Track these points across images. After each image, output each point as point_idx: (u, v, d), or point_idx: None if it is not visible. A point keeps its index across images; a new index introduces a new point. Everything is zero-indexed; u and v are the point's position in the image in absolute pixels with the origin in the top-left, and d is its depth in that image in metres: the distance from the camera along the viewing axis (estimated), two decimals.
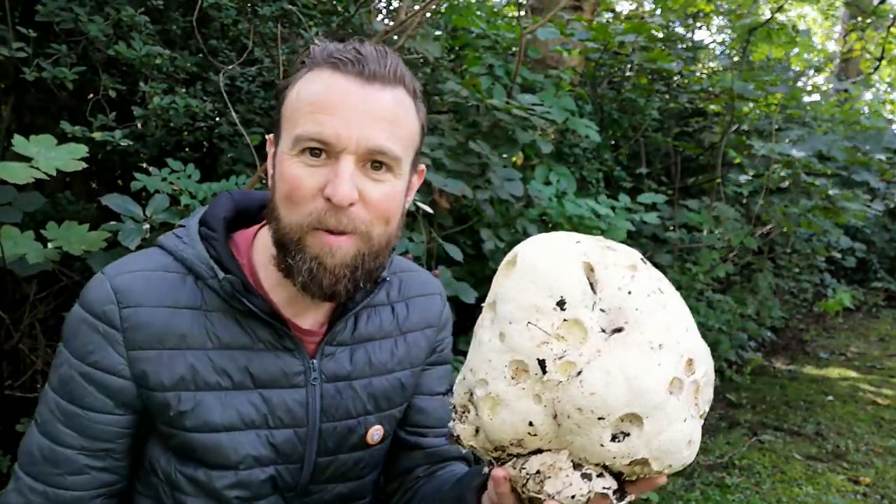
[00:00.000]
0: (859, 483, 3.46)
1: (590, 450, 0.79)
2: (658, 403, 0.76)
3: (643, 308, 0.80)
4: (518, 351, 0.80)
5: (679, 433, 0.78)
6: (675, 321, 0.81)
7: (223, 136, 2.56)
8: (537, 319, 0.80)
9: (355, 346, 1.09)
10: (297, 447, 1.05)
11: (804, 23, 11.55)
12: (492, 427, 0.82)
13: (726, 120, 4.42)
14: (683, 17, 5.39)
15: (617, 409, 0.76)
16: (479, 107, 2.85)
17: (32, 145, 1.61)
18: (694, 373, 0.80)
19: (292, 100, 0.95)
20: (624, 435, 0.77)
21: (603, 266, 0.83)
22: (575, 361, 0.78)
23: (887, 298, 8.06)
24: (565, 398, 0.78)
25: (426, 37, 3.00)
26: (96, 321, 0.95)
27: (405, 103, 0.96)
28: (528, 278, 0.82)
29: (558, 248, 0.84)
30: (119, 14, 2.14)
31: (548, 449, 0.82)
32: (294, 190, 0.92)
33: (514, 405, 0.80)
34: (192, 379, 0.97)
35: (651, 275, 0.85)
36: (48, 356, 2.23)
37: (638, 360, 0.77)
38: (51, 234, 1.74)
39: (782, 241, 5.12)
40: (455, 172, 2.60)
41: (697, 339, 0.83)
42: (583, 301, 0.80)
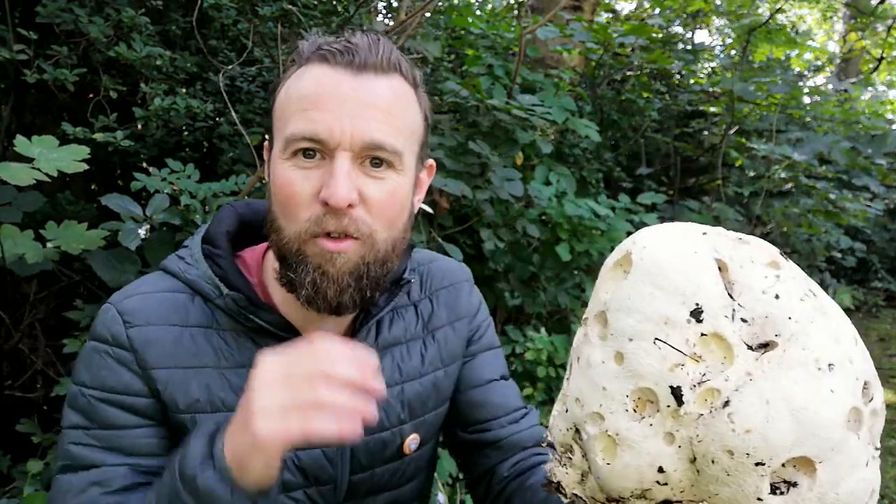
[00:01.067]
0: None
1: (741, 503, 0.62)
2: (835, 443, 0.59)
3: (799, 316, 0.63)
4: (644, 376, 0.64)
5: (862, 482, 0.61)
6: (842, 333, 0.64)
7: (223, 136, 2.56)
8: (667, 335, 0.63)
9: (381, 353, 1.01)
10: (327, 468, 0.97)
11: (804, 23, 11.55)
12: (609, 475, 0.67)
13: (726, 121, 4.42)
14: (683, 17, 5.39)
15: (782, 451, 0.59)
16: (479, 107, 2.85)
17: (34, 146, 1.61)
18: (871, 399, 0.63)
19: (282, 100, 0.89)
20: (788, 485, 0.60)
21: (738, 264, 0.66)
22: (719, 388, 0.62)
23: (887, 298, 8.05)
24: (710, 437, 0.61)
25: (426, 37, 3.01)
26: (106, 346, 0.90)
27: (403, 92, 0.89)
28: (650, 281, 0.65)
29: (685, 241, 0.67)
30: (119, 15, 2.14)
31: (678, 500, 0.67)
32: (289, 197, 0.86)
33: (639, 447, 0.64)
34: (209, 400, 0.91)
35: (797, 274, 0.68)
36: (48, 356, 2.23)
37: (805, 386, 0.60)
38: (50, 234, 1.74)
39: (782, 241, 5.12)
40: (455, 172, 2.60)
41: (868, 357, 0.66)
42: (723, 309, 0.64)
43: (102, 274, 1.87)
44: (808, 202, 4.41)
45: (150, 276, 0.99)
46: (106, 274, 1.87)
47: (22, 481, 1.92)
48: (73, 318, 1.96)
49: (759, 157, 4.39)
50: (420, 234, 2.49)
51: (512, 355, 3.00)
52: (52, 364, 2.23)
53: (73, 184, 2.47)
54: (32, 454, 2.01)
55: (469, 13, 3.51)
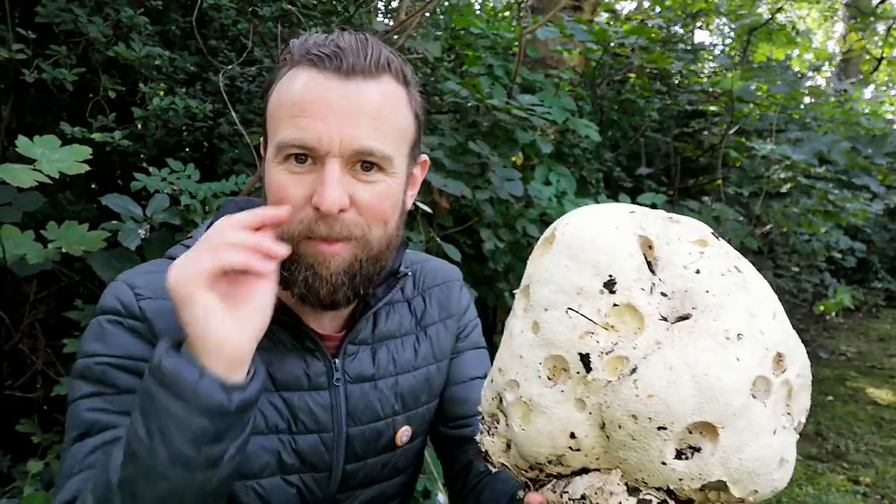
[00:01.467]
0: (859, 483, 3.46)
1: (648, 469, 0.63)
2: (737, 409, 0.60)
3: (717, 290, 0.64)
4: (556, 344, 0.66)
5: (767, 449, 0.61)
6: (758, 306, 0.64)
7: (223, 136, 2.56)
8: (580, 305, 0.65)
9: (377, 344, 1.05)
10: (324, 455, 1.00)
11: (804, 23, 11.55)
12: (524, 440, 0.68)
13: (726, 121, 4.42)
14: (683, 17, 5.40)
15: (683, 416, 0.60)
16: (479, 107, 2.85)
17: (36, 146, 1.61)
18: (784, 371, 0.63)
19: (273, 102, 0.91)
20: (693, 450, 0.61)
21: (664, 241, 0.67)
22: (628, 356, 0.63)
23: (887, 298, 8.06)
24: (616, 403, 0.63)
25: (426, 37, 3.00)
26: (118, 317, 0.91)
27: (392, 94, 0.89)
28: (567, 255, 0.67)
29: (607, 217, 0.69)
30: (119, 15, 2.14)
31: (595, 468, 0.67)
32: (282, 201, 0.87)
33: (551, 412, 0.66)
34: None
35: (726, 251, 0.69)
36: (48, 356, 2.23)
37: (710, 354, 0.60)
38: (51, 234, 1.74)
39: (782, 241, 5.12)
40: (455, 172, 2.60)
41: (788, 331, 0.66)
42: (638, 281, 0.65)
43: (102, 274, 1.87)
44: (808, 202, 4.41)
45: (155, 261, 1.01)
46: (106, 274, 1.87)
47: (22, 481, 1.92)
48: (73, 318, 1.96)
49: (759, 157, 4.39)
50: (420, 234, 2.49)
51: None
52: (52, 364, 2.23)
53: (74, 184, 2.47)
54: (32, 454, 2.01)
55: (469, 13, 3.51)
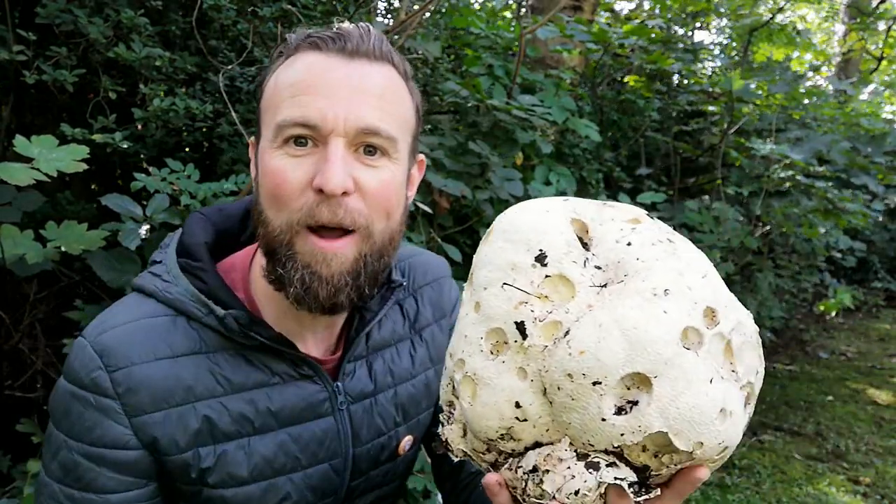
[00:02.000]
0: (859, 483, 3.46)
1: (592, 429, 0.63)
2: (668, 358, 0.61)
3: (647, 256, 0.66)
4: (494, 318, 0.68)
5: (703, 397, 0.61)
6: (686, 266, 0.66)
7: (223, 137, 2.56)
8: (514, 279, 0.67)
9: (372, 356, 0.99)
10: (334, 480, 0.95)
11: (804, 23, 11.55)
12: (473, 415, 0.68)
13: (726, 121, 4.42)
14: (682, 17, 5.40)
15: (615, 368, 0.61)
16: (479, 107, 2.85)
17: (34, 146, 1.61)
18: (718, 324, 0.64)
19: (270, 89, 0.85)
20: (631, 405, 0.62)
21: (598, 222, 0.71)
22: (561, 320, 0.65)
23: (887, 298, 8.06)
24: (553, 365, 0.64)
25: (426, 37, 3.01)
26: (86, 393, 0.81)
27: (395, 81, 0.86)
28: (503, 238, 0.71)
29: (538, 204, 0.73)
30: (119, 16, 2.14)
31: (548, 442, 0.68)
32: (279, 186, 0.80)
33: (495, 383, 0.67)
34: (210, 432, 0.85)
35: (659, 227, 0.72)
36: (48, 356, 2.23)
37: (638, 310, 0.62)
38: (50, 234, 1.74)
39: (782, 241, 5.12)
40: (455, 172, 2.61)
41: (721, 290, 0.68)
42: (568, 254, 0.68)
43: (102, 274, 1.87)
44: (809, 203, 4.41)
45: (126, 300, 0.90)
46: (106, 274, 1.87)
47: (22, 481, 1.92)
48: (73, 318, 1.96)
49: (759, 157, 4.39)
50: (420, 234, 2.49)
51: None
52: (52, 364, 2.23)
53: (73, 184, 2.47)
54: (32, 454, 2.01)
55: (469, 13, 3.51)
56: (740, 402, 0.65)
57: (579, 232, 0.71)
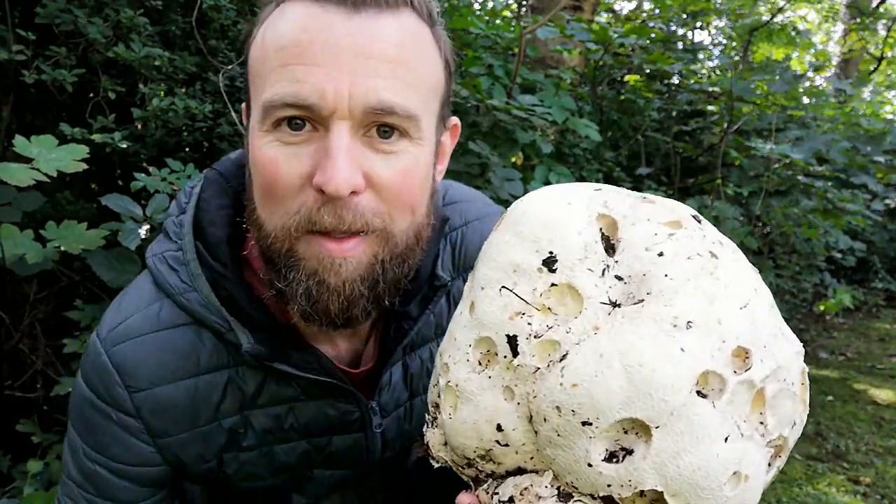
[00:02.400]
0: (859, 483, 3.45)
1: (575, 471, 0.54)
2: (675, 407, 0.50)
3: (676, 274, 0.55)
4: (486, 325, 0.58)
5: (713, 458, 0.51)
6: (724, 292, 0.54)
7: (223, 136, 2.56)
8: (514, 283, 0.58)
9: (408, 356, 0.87)
10: (353, 479, 0.91)
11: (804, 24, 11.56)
12: (450, 429, 0.61)
13: (726, 120, 4.42)
14: (682, 17, 5.40)
15: (609, 409, 0.51)
16: (479, 107, 2.85)
17: (33, 146, 1.61)
18: (749, 369, 0.53)
19: (257, 51, 0.68)
20: (624, 452, 0.53)
21: (630, 221, 0.59)
22: (559, 340, 0.55)
23: (887, 298, 8.05)
24: (542, 392, 0.55)
25: None
26: (107, 407, 0.75)
27: (416, 33, 0.66)
28: (512, 230, 0.60)
29: (562, 193, 0.62)
30: (119, 16, 2.14)
31: (532, 469, 0.59)
32: (272, 182, 0.65)
33: (477, 400, 0.58)
34: (233, 442, 0.81)
35: (704, 235, 0.59)
36: (48, 356, 2.23)
37: (649, 342, 0.52)
38: (50, 234, 1.74)
39: (782, 241, 5.12)
40: (455, 172, 2.60)
41: (765, 325, 0.55)
42: (584, 260, 0.57)
43: (102, 274, 1.87)
44: (809, 203, 4.41)
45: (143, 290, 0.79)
46: (106, 274, 1.87)
47: (22, 481, 1.92)
48: (73, 318, 1.96)
49: (759, 157, 4.39)
50: None
51: None
52: (52, 364, 2.23)
53: (73, 183, 2.47)
54: (32, 454, 2.01)
55: (469, 13, 3.51)
56: (762, 463, 0.55)
57: (607, 230, 0.60)
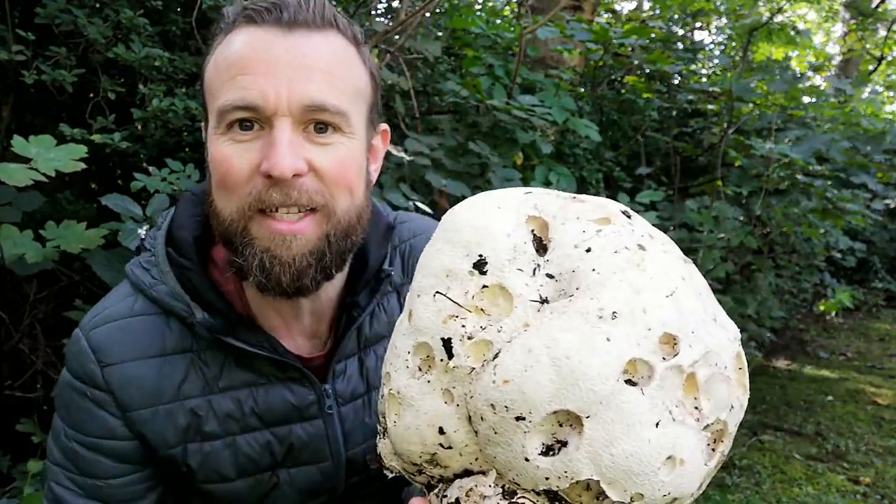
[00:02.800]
0: (859, 483, 3.46)
1: (515, 467, 0.56)
2: (604, 397, 0.52)
3: (603, 268, 0.57)
4: (422, 331, 0.60)
5: (645, 444, 0.53)
6: (649, 282, 0.56)
7: None
8: (448, 288, 0.60)
9: (363, 352, 0.95)
10: (323, 483, 0.94)
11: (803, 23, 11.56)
12: (396, 437, 0.62)
13: (725, 121, 4.42)
14: (682, 17, 5.40)
15: (541, 403, 0.53)
16: (479, 107, 2.85)
17: (32, 146, 1.61)
18: (676, 355, 0.55)
19: (210, 71, 0.81)
20: (559, 445, 0.54)
21: (561, 220, 0.62)
22: (492, 340, 0.57)
23: (887, 298, 8.06)
24: (477, 392, 0.56)
25: (426, 37, 3.00)
26: (83, 385, 0.85)
27: (341, 48, 0.82)
28: (444, 238, 0.63)
29: (492, 198, 0.65)
30: (119, 16, 2.14)
31: (479, 470, 0.61)
32: (226, 173, 0.78)
33: (418, 405, 0.60)
34: (197, 429, 0.87)
35: (633, 229, 0.61)
36: (48, 356, 2.23)
37: (575, 334, 0.53)
38: (49, 234, 1.74)
39: (782, 241, 5.12)
40: (455, 173, 2.60)
41: (693, 311, 0.58)
42: (513, 262, 0.59)
43: (102, 274, 1.87)
44: (809, 204, 4.41)
45: (119, 291, 0.92)
46: (106, 274, 1.87)
47: (22, 481, 1.92)
48: (73, 318, 1.96)
49: (759, 157, 4.39)
50: None
51: None
52: (52, 364, 2.23)
53: (73, 183, 2.47)
54: (32, 454, 2.01)
55: (469, 13, 3.51)
56: (698, 446, 0.56)
57: (539, 231, 0.62)
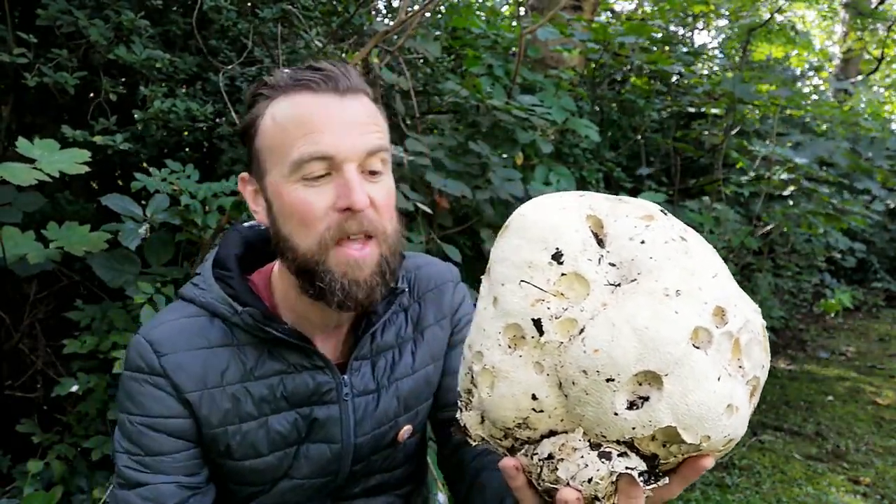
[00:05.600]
0: (859, 483, 3.46)
1: (605, 422, 0.67)
2: (679, 357, 0.64)
3: (659, 256, 0.70)
4: (511, 314, 0.72)
5: (712, 395, 0.65)
6: (699, 267, 0.70)
7: (223, 137, 2.56)
8: (531, 276, 0.71)
9: (375, 357, 1.12)
10: (332, 463, 1.08)
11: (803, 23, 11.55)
12: (492, 405, 0.73)
13: (726, 122, 4.42)
14: (682, 17, 5.40)
15: (627, 366, 0.65)
16: (479, 107, 2.85)
17: (36, 148, 1.61)
18: (727, 324, 0.67)
19: (269, 129, 0.97)
20: (642, 400, 0.66)
21: (612, 218, 0.75)
22: (576, 318, 0.69)
23: (887, 298, 8.05)
24: (568, 361, 0.68)
25: (426, 37, 3.01)
26: (142, 374, 1.00)
27: (372, 106, 1.01)
28: (518, 235, 0.75)
29: (555, 201, 0.77)
30: (120, 17, 2.14)
31: (562, 431, 0.72)
32: (306, 214, 0.94)
33: (512, 377, 0.71)
34: (236, 412, 1.02)
35: (672, 224, 0.75)
36: (48, 356, 2.23)
37: (649, 310, 0.66)
38: (52, 235, 1.74)
39: (782, 241, 5.12)
40: (455, 173, 2.61)
41: (731, 288, 0.71)
42: (584, 253, 0.72)
43: (102, 274, 1.87)
44: (809, 206, 4.41)
45: (172, 305, 1.09)
46: (106, 274, 1.87)
47: (22, 481, 1.92)
48: (73, 318, 1.97)
49: (760, 158, 4.39)
50: (419, 234, 2.49)
51: None
52: (52, 364, 2.23)
53: (74, 183, 2.48)
54: (32, 454, 2.02)
55: (469, 13, 3.51)
56: (746, 396, 0.69)
57: (595, 228, 0.74)
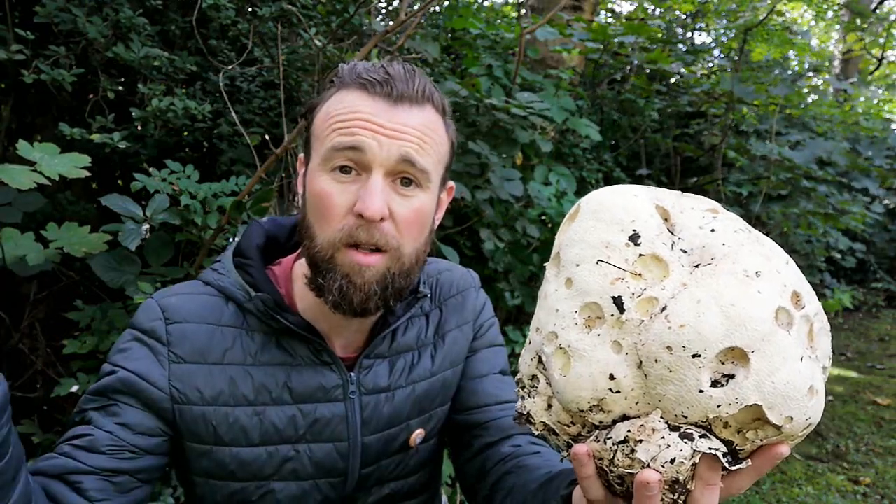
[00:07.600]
0: (859, 483, 3.46)
1: (687, 400, 0.65)
2: (765, 335, 0.63)
3: (732, 242, 0.69)
4: (589, 293, 0.70)
5: (797, 374, 0.64)
6: (772, 252, 0.70)
7: (223, 136, 2.56)
8: (608, 256, 0.70)
9: (395, 356, 1.10)
10: (338, 462, 1.05)
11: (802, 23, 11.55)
12: (566, 386, 0.70)
13: (725, 122, 4.42)
14: (683, 18, 5.39)
15: (714, 342, 0.63)
16: (478, 107, 2.85)
17: (36, 151, 1.61)
18: (804, 308, 0.67)
19: (321, 118, 0.97)
20: (728, 378, 0.64)
21: (679, 210, 0.75)
22: (657, 297, 0.68)
23: (887, 298, 8.06)
24: (650, 339, 0.66)
25: (426, 37, 3.00)
26: (143, 335, 0.99)
27: (433, 120, 0.98)
28: (594, 218, 0.74)
29: (626, 189, 0.77)
30: (118, 15, 2.14)
31: (636, 415, 0.70)
32: (326, 207, 0.93)
33: (589, 356, 0.69)
34: (231, 393, 1.00)
35: (736, 218, 0.75)
36: (48, 356, 2.23)
37: (733, 288, 0.65)
38: (52, 235, 1.74)
39: (782, 242, 5.12)
40: (455, 173, 2.60)
41: (803, 277, 0.71)
42: (659, 236, 0.71)
43: (102, 274, 1.87)
44: (808, 206, 4.41)
45: (190, 282, 1.08)
46: (106, 274, 1.87)
47: None
48: (73, 318, 1.96)
49: (759, 158, 4.39)
50: None
51: (512, 355, 3.00)
52: (52, 364, 2.23)
53: (73, 184, 2.47)
54: (32, 454, 2.01)
55: (469, 14, 3.50)
56: (822, 382, 0.69)
57: (663, 217, 0.75)
